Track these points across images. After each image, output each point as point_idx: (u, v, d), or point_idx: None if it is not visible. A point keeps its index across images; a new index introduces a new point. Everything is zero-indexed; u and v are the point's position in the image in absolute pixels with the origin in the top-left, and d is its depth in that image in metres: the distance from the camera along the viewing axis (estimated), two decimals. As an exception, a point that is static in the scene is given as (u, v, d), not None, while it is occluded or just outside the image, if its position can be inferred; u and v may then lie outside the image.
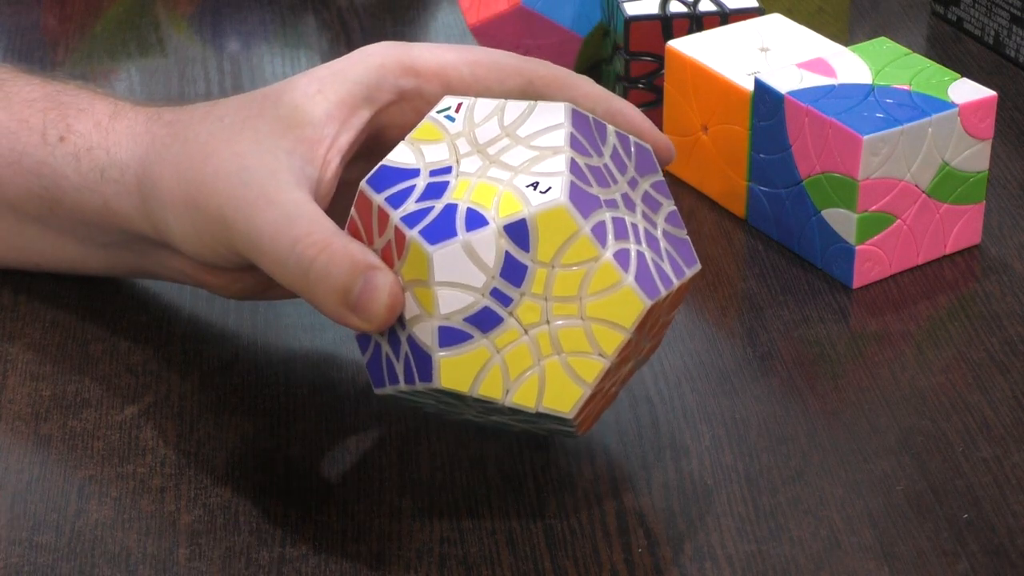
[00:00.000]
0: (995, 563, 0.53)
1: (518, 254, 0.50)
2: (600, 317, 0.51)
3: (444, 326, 0.50)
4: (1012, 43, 0.81)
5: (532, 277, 0.50)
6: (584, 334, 0.51)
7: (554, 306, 0.51)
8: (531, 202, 0.50)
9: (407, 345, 0.51)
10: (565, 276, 0.50)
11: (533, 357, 0.51)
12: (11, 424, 0.59)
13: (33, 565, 0.53)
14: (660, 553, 0.53)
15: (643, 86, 0.74)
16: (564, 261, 0.50)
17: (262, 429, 0.59)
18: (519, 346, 0.51)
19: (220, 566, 0.53)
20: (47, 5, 0.88)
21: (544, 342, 0.51)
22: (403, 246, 0.51)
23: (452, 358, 0.50)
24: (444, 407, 0.53)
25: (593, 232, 0.50)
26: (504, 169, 0.52)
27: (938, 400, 0.60)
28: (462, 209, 0.51)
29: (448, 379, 0.50)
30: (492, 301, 0.50)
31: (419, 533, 0.54)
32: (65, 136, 0.60)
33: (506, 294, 0.50)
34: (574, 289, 0.50)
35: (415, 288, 0.51)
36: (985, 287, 0.66)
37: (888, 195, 0.65)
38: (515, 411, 0.51)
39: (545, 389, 0.51)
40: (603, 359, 0.51)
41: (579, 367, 0.51)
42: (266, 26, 0.86)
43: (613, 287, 0.50)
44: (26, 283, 0.65)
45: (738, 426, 0.58)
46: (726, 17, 0.73)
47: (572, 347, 0.51)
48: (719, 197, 0.71)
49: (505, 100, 0.54)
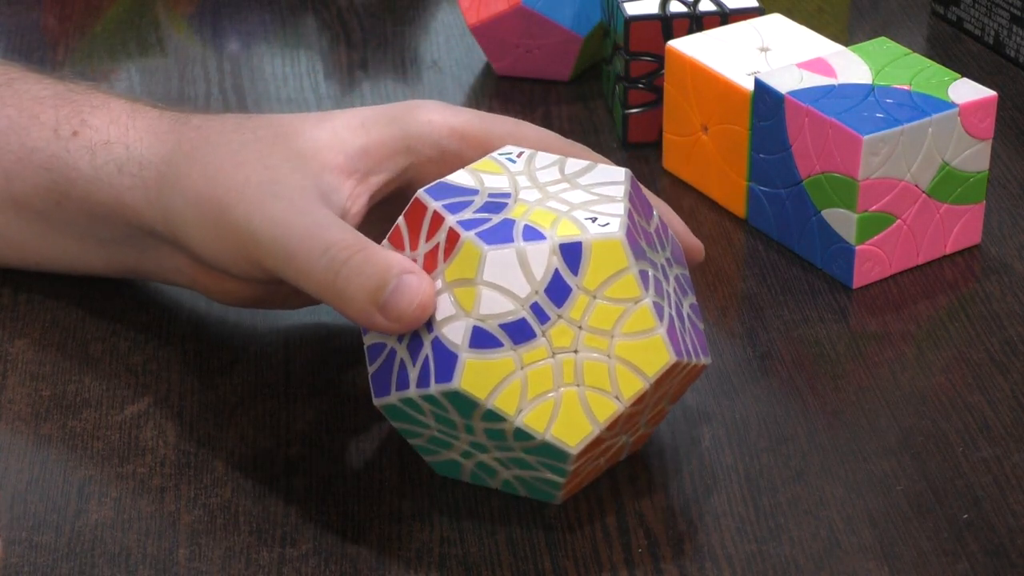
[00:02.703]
0: (995, 563, 0.53)
1: (566, 275, 0.51)
2: (627, 359, 0.51)
3: (479, 327, 0.50)
4: (1012, 43, 0.81)
5: (574, 301, 0.51)
6: (608, 372, 0.51)
7: (586, 336, 0.51)
8: (589, 230, 0.51)
9: (430, 347, 0.51)
10: (605, 309, 0.51)
11: (554, 382, 0.51)
12: (11, 424, 0.59)
13: (33, 565, 0.53)
14: (660, 553, 0.53)
15: (643, 86, 0.74)
16: (608, 294, 0.51)
17: (262, 429, 0.59)
18: (543, 367, 0.51)
19: (220, 566, 0.53)
20: (47, 5, 0.88)
21: (568, 370, 0.51)
22: (455, 246, 0.51)
23: (478, 361, 0.50)
24: (440, 432, 0.53)
25: (639, 275, 0.51)
26: (563, 203, 0.53)
27: (938, 400, 0.60)
28: (520, 224, 0.52)
29: (469, 382, 0.50)
30: (531, 315, 0.51)
31: (419, 533, 0.54)
32: (79, 131, 0.60)
33: (545, 312, 0.51)
34: (610, 324, 0.51)
35: (456, 289, 0.51)
36: (985, 287, 0.66)
37: (888, 195, 0.65)
38: (520, 436, 0.51)
39: (557, 418, 0.51)
40: (619, 403, 0.51)
41: (595, 405, 0.51)
42: (266, 26, 0.86)
43: (646, 332, 0.51)
44: (26, 283, 0.65)
45: (738, 426, 0.58)
46: (726, 17, 0.73)
47: (593, 382, 0.51)
48: (719, 197, 0.71)
49: (566, 157, 0.55)
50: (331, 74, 0.81)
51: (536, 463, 0.52)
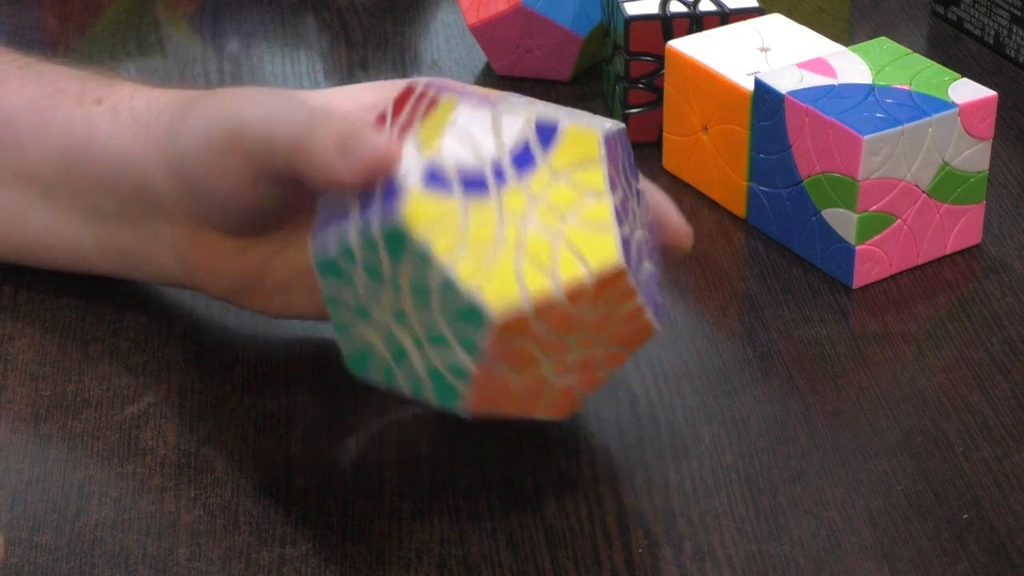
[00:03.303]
0: (995, 563, 0.53)
1: (536, 147, 0.50)
2: (574, 244, 0.49)
3: (434, 167, 0.49)
4: (1012, 43, 0.81)
5: (536, 174, 0.50)
6: (550, 250, 0.49)
7: (539, 210, 0.49)
8: (567, 120, 0.51)
9: (380, 188, 0.50)
10: (566, 191, 0.50)
11: (494, 242, 0.49)
12: (11, 424, 0.59)
13: (33, 565, 0.53)
14: (660, 553, 0.53)
15: (643, 86, 0.74)
16: (573, 178, 0.50)
17: (262, 429, 0.59)
18: (487, 226, 0.49)
19: (220, 566, 0.53)
20: (47, 5, 0.88)
21: (512, 236, 0.49)
22: (435, 104, 0.51)
23: (425, 198, 0.49)
24: (365, 290, 0.51)
25: (608, 178, 0.50)
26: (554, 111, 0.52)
27: (938, 400, 0.60)
28: (502, 105, 0.51)
29: (412, 214, 0.49)
30: (490, 170, 0.50)
31: (419, 533, 0.54)
32: (104, 98, 0.61)
33: (504, 173, 0.50)
34: (566, 206, 0.50)
35: (424, 138, 0.50)
36: (985, 287, 0.66)
37: (888, 195, 0.65)
38: (446, 289, 0.49)
39: (488, 279, 0.49)
40: (555, 285, 0.49)
41: (529, 278, 0.49)
42: (266, 26, 0.86)
43: (601, 226, 0.50)
44: (26, 283, 0.65)
45: (738, 426, 0.58)
46: (726, 17, 0.73)
47: (534, 254, 0.49)
48: (719, 197, 0.71)
49: None
50: (331, 74, 0.81)
51: (452, 337, 0.50)
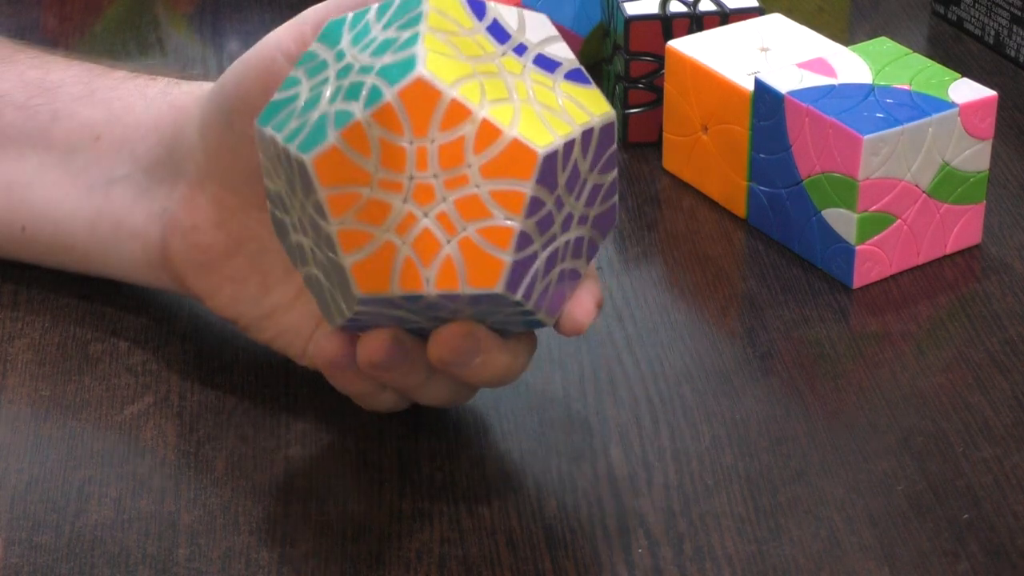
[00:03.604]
0: (995, 563, 0.53)
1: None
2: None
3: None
4: (1012, 43, 0.81)
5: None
6: (555, 99, 0.49)
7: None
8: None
9: None
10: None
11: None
12: (11, 424, 0.59)
13: (33, 565, 0.53)
14: (660, 553, 0.53)
15: (643, 86, 0.74)
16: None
17: (262, 429, 0.59)
18: (498, 80, 0.48)
19: (220, 566, 0.53)
20: (47, 5, 0.88)
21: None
22: None
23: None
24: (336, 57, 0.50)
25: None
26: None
27: (938, 400, 0.60)
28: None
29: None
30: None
31: (419, 533, 0.54)
32: (157, 78, 0.63)
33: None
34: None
35: None
36: (985, 287, 0.66)
37: (888, 195, 0.65)
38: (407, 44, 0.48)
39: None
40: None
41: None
42: (266, 26, 0.86)
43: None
44: (26, 283, 0.65)
45: (738, 426, 0.58)
46: (726, 17, 0.73)
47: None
48: (719, 197, 0.71)
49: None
50: (331, 74, 0.81)
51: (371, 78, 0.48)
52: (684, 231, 0.69)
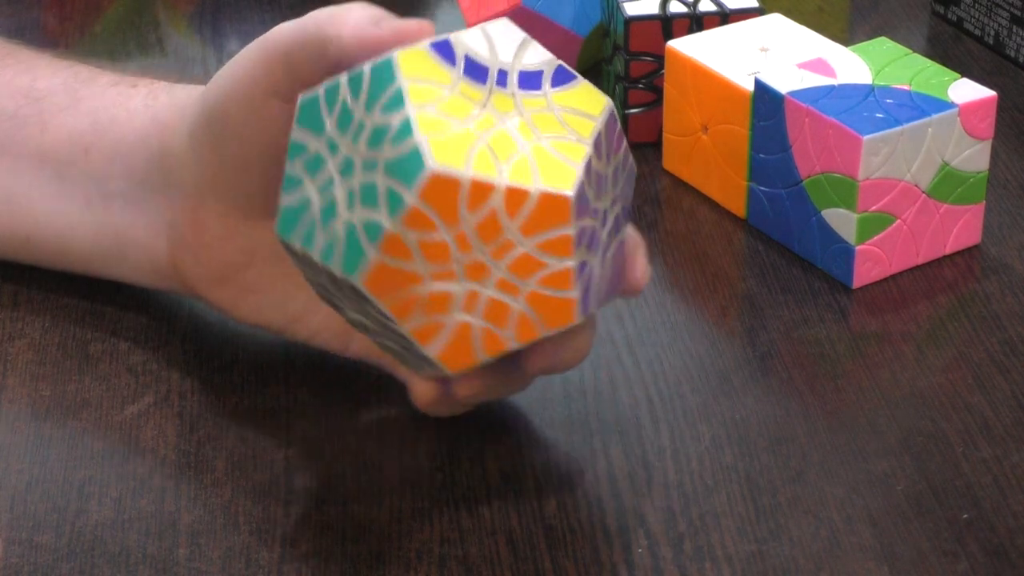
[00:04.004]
0: (995, 563, 0.53)
1: (546, 80, 0.51)
2: (536, 158, 0.49)
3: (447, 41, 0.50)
4: (1012, 43, 0.81)
5: (534, 98, 0.51)
6: (511, 151, 0.50)
7: (520, 121, 0.50)
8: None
9: None
10: (552, 121, 0.50)
11: (463, 122, 0.49)
12: (11, 424, 0.59)
13: (33, 565, 0.53)
14: (660, 553, 0.53)
15: (643, 86, 0.74)
16: (565, 117, 0.51)
17: (262, 429, 0.59)
18: (466, 108, 0.50)
19: (220, 566, 0.53)
20: (47, 5, 0.88)
21: (484, 124, 0.50)
22: None
23: (427, 57, 0.50)
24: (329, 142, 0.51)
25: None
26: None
27: (938, 400, 0.60)
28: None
29: (408, 61, 0.50)
30: (495, 72, 0.51)
31: (419, 533, 0.54)
32: (139, 84, 0.63)
33: (506, 82, 0.50)
34: (545, 130, 0.50)
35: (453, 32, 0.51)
36: (985, 287, 0.66)
37: (888, 195, 0.65)
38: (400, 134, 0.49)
39: (442, 142, 0.49)
40: (500, 176, 0.49)
41: (478, 160, 0.49)
42: (266, 26, 0.86)
43: (568, 158, 0.50)
44: (26, 283, 0.65)
45: (738, 426, 0.58)
46: (726, 17, 0.73)
47: (495, 145, 0.49)
48: (719, 197, 0.71)
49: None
50: (331, 74, 0.81)
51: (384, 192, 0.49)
52: (684, 231, 0.69)
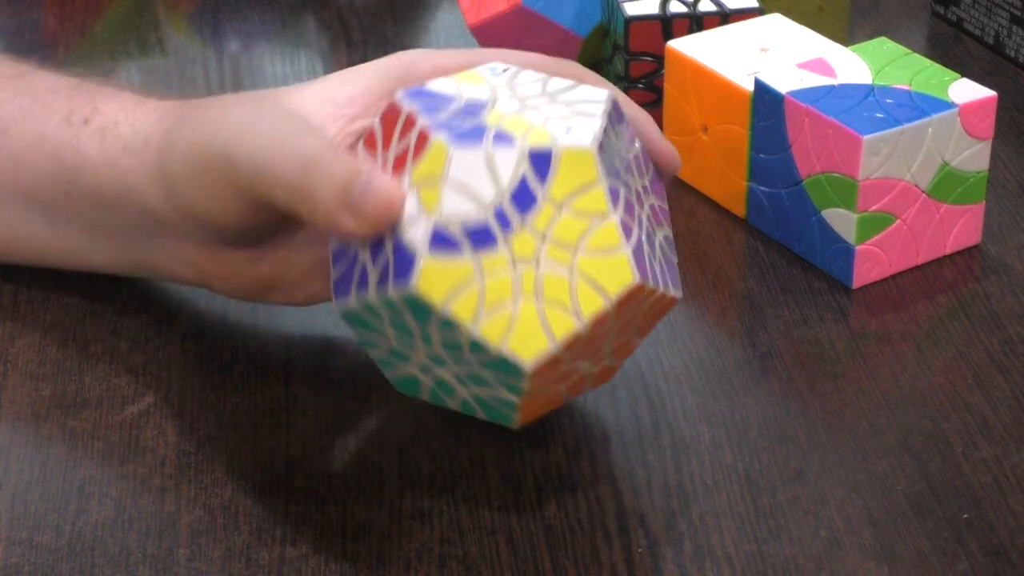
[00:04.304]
0: (995, 563, 0.53)
1: (533, 182, 0.50)
2: (589, 275, 0.50)
3: (439, 230, 0.49)
4: (1012, 43, 0.81)
5: (539, 211, 0.50)
6: (568, 287, 0.50)
7: (549, 248, 0.50)
8: (560, 139, 0.50)
9: (391, 249, 0.50)
10: (570, 221, 0.50)
11: (512, 293, 0.49)
12: (11, 424, 0.59)
13: (33, 565, 0.53)
14: (660, 553, 0.53)
15: (643, 86, 0.74)
16: (575, 206, 0.50)
17: (262, 429, 0.59)
18: (502, 278, 0.50)
19: (220, 566, 0.53)
20: (47, 5, 0.88)
21: (528, 282, 0.50)
22: (424, 146, 0.50)
23: (436, 264, 0.49)
24: (399, 342, 0.52)
25: (609, 191, 0.50)
26: (539, 115, 0.52)
27: (938, 400, 0.60)
28: (492, 129, 0.51)
29: (426, 284, 0.49)
30: (494, 220, 0.50)
31: (419, 533, 0.54)
32: (90, 118, 0.61)
33: (509, 218, 0.50)
34: (574, 238, 0.50)
35: (422, 189, 0.50)
36: (985, 287, 0.66)
37: (888, 195, 0.65)
38: (475, 348, 0.50)
39: (513, 331, 0.49)
40: (578, 321, 0.50)
41: (553, 321, 0.49)
42: (266, 26, 0.86)
43: (611, 250, 0.50)
44: (26, 283, 0.65)
45: (738, 426, 0.58)
46: (726, 17, 0.73)
47: (553, 296, 0.49)
48: (719, 197, 0.71)
49: (551, 76, 0.55)
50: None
51: (492, 380, 0.51)
52: (684, 231, 0.69)
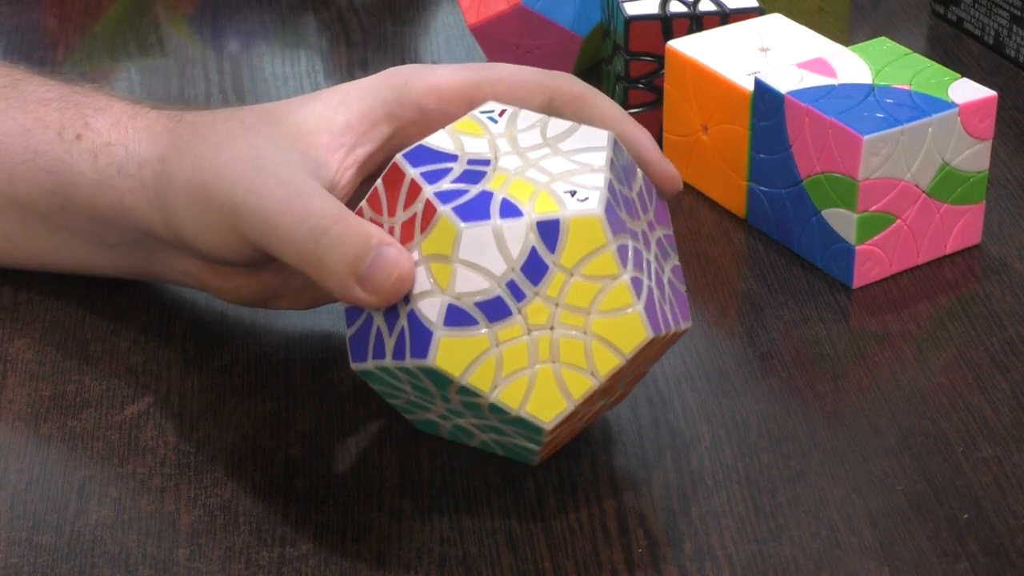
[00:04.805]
0: (995, 563, 0.53)
1: (543, 252, 0.51)
2: (603, 336, 0.51)
3: (454, 305, 0.50)
4: (1012, 43, 0.81)
5: (550, 279, 0.51)
6: (583, 349, 0.51)
7: (562, 313, 0.51)
8: (567, 206, 0.51)
9: (406, 320, 0.51)
10: (582, 286, 0.51)
11: (529, 359, 0.51)
12: (11, 424, 0.59)
13: (33, 565, 0.53)
14: (660, 553, 0.53)
15: (643, 86, 0.74)
16: (585, 271, 0.51)
17: (262, 429, 0.59)
18: (518, 344, 0.51)
19: (220, 566, 0.53)
20: (47, 5, 0.88)
21: (543, 347, 0.51)
22: (431, 220, 0.51)
23: (452, 339, 0.50)
24: (417, 397, 0.53)
25: (617, 251, 0.51)
26: (543, 173, 0.52)
27: (938, 400, 0.60)
28: (497, 198, 0.51)
29: (444, 360, 0.50)
30: (506, 293, 0.51)
31: (419, 533, 0.54)
32: (82, 134, 0.60)
33: (521, 289, 0.51)
34: (586, 302, 0.51)
35: (432, 263, 0.51)
36: (985, 287, 0.66)
37: (888, 195, 0.65)
38: (495, 410, 0.51)
39: (532, 394, 0.51)
40: (595, 379, 0.51)
41: (570, 381, 0.51)
42: (266, 26, 0.86)
43: (623, 309, 0.51)
44: (26, 283, 0.65)
45: (738, 426, 0.58)
46: (726, 17, 0.73)
47: (569, 359, 0.51)
48: (719, 197, 0.71)
49: (548, 116, 0.55)
50: (331, 74, 0.81)
51: (512, 432, 0.53)
52: (684, 231, 0.69)
